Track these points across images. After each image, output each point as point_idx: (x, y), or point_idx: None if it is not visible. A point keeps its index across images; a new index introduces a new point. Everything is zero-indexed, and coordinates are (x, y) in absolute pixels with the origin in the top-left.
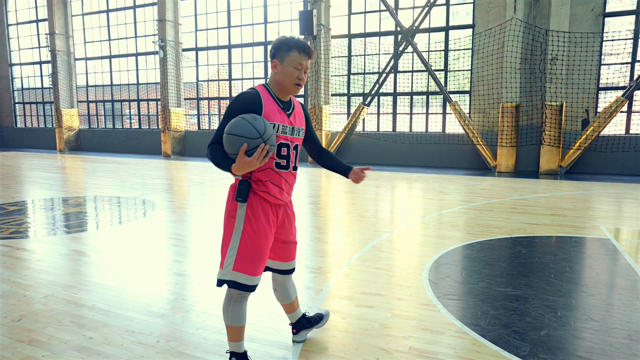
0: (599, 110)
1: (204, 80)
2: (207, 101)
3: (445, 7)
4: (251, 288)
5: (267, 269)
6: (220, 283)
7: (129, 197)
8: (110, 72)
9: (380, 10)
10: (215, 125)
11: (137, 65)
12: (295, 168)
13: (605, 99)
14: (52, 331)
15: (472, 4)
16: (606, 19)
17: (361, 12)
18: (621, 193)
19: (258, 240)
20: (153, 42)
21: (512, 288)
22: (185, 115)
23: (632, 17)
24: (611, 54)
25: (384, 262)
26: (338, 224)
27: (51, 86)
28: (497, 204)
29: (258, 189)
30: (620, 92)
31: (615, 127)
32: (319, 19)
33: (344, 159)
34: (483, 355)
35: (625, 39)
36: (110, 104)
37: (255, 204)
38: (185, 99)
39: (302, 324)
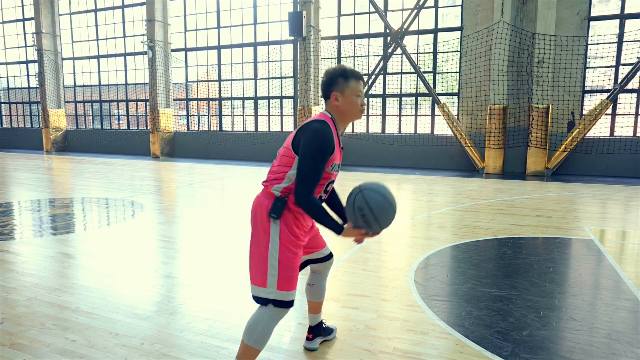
0: (584, 112)
1: (193, 81)
2: (196, 102)
3: (434, 9)
4: (292, 304)
5: (306, 263)
6: (265, 302)
7: (117, 198)
8: (99, 72)
9: (369, 12)
10: (204, 126)
11: (125, 66)
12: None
13: (591, 102)
14: (34, 334)
15: (460, 7)
16: (591, 23)
17: (350, 14)
18: (605, 194)
19: (295, 256)
20: (142, 42)
21: (496, 289)
22: (175, 116)
23: (617, 22)
24: (596, 57)
25: (371, 263)
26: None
27: (38, 86)
28: (484, 205)
29: (295, 208)
30: (605, 95)
31: (600, 130)
32: (308, 20)
33: None
34: (466, 355)
35: (610, 43)
36: (98, 104)
37: (289, 220)
38: (174, 99)
39: (319, 330)
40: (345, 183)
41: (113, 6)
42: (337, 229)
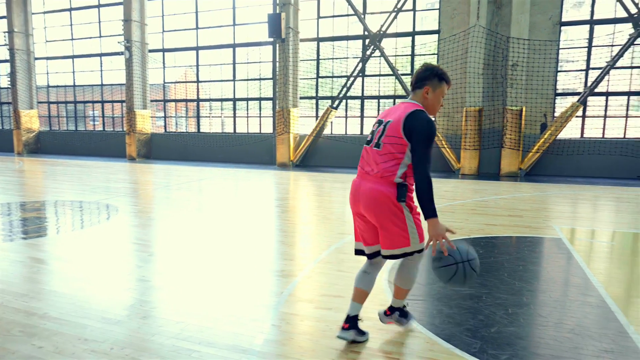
0: (556, 115)
1: (171, 82)
2: (174, 103)
3: (412, 12)
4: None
5: (370, 254)
6: (409, 254)
7: (91, 201)
8: (73, 72)
9: (348, 15)
10: (182, 128)
11: (101, 66)
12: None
13: (562, 104)
14: None
15: (437, 11)
16: (563, 28)
17: (330, 16)
18: (575, 194)
19: (419, 218)
20: (118, 42)
21: (467, 287)
22: (152, 117)
23: (587, 27)
24: (567, 61)
25: (346, 264)
26: (303, 227)
27: (9, 86)
28: (458, 205)
29: (410, 188)
30: (575, 98)
31: (571, 131)
32: (287, 22)
33: (312, 161)
34: (436, 353)
35: (580, 47)
36: (72, 105)
37: (410, 199)
38: (151, 100)
39: (355, 323)
40: (323, 185)
41: (89, 5)
42: (433, 213)
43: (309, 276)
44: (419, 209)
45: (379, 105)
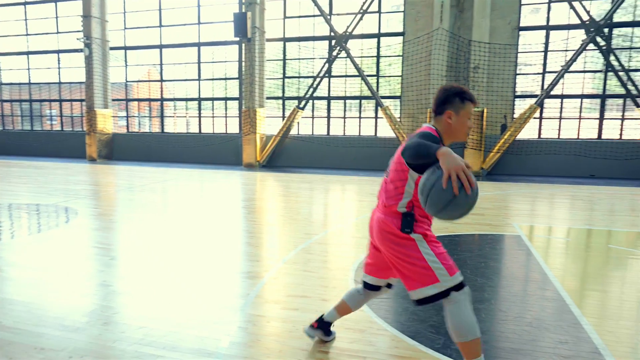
0: (515, 116)
1: (134, 81)
2: (136, 102)
3: (377, 14)
4: (464, 282)
5: (374, 286)
6: (445, 294)
7: (49, 204)
8: (29, 69)
9: (314, 15)
10: (145, 127)
11: (59, 63)
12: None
13: (521, 106)
14: None
15: (402, 13)
16: (521, 32)
17: (296, 16)
18: (533, 193)
19: (440, 246)
20: (77, 39)
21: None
22: (113, 117)
23: (543, 32)
24: (526, 65)
25: (312, 264)
26: (270, 228)
27: None
28: None
29: (420, 218)
30: (533, 100)
31: (529, 132)
32: (253, 22)
33: (278, 162)
34: (401, 350)
35: (537, 51)
36: (28, 104)
37: (419, 228)
38: (113, 99)
39: (326, 327)
40: (290, 185)
41: (45, 0)
42: (436, 148)
43: (276, 277)
44: (435, 237)
45: (345, 106)
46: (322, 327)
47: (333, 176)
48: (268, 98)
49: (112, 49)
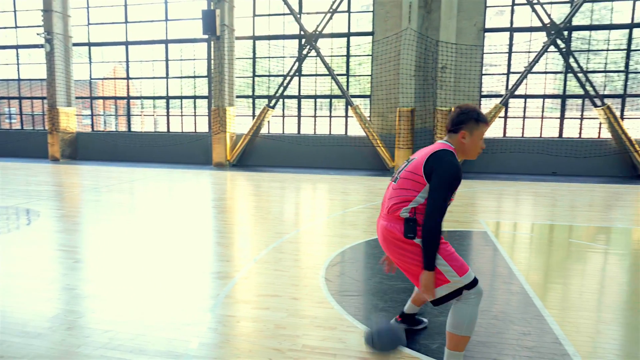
0: None
1: (99, 78)
2: (102, 101)
3: (347, 14)
4: (477, 280)
5: None
6: (456, 294)
7: (9, 205)
8: None
9: (284, 14)
10: (112, 126)
11: (18, 59)
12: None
13: (487, 105)
14: None
15: (371, 13)
16: (486, 34)
17: (266, 15)
18: (499, 190)
19: (448, 246)
20: (38, 34)
21: (400, 281)
22: (77, 115)
23: (507, 34)
24: (491, 65)
25: (283, 263)
26: (241, 227)
27: None
28: None
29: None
30: (498, 99)
31: (494, 131)
32: (222, 19)
33: (249, 161)
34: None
35: (502, 52)
36: None
37: (420, 232)
38: (76, 97)
39: (409, 319)
40: (261, 184)
41: None
42: (432, 266)
43: (246, 277)
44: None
45: (315, 105)
46: (406, 320)
47: (304, 175)
48: (238, 97)
49: (75, 45)
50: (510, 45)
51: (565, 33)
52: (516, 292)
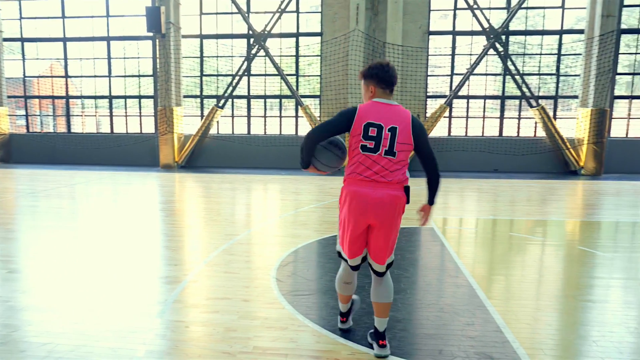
0: (428, 115)
1: (34, 76)
2: (38, 100)
3: (295, 14)
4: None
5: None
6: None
7: None
8: None
9: (232, 13)
10: (49, 127)
11: None
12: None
13: (432, 106)
14: None
15: (320, 14)
16: (431, 37)
17: (213, 13)
18: (445, 187)
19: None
20: None
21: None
22: (9, 115)
23: (450, 37)
24: (436, 67)
25: (234, 265)
26: (190, 230)
27: None
28: None
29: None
30: (443, 100)
31: (440, 130)
32: (167, 17)
33: (198, 162)
34: (322, 344)
35: (446, 55)
36: None
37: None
38: (8, 96)
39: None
40: (210, 186)
41: None
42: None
43: (196, 280)
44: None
45: (265, 105)
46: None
47: (255, 176)
48: (185, 96)
49: (5, 40)
50: (454, 47)
51: (503, 37)
52: (461, 285)
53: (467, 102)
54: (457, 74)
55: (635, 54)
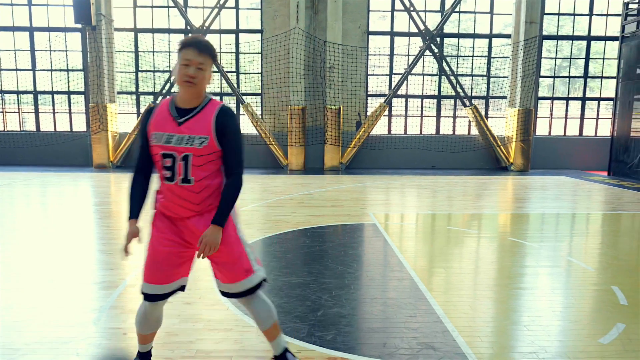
0: (369, 114)
1: None
2: None
3: (234, 10)
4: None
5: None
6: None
7: None
8: None
9: (168, 7)
10: None
11: None
12: (187, 181)
13: (373, 105)
14: None
15: (260, 11)
16: (370, 37)
17: (148, 6)
18: (386, 184)
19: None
20: None
21: (295, 277)
22: None
23: (389, 37)
24: (376, 66)
25: None
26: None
27: None
28: (287, 199)
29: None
30: (383, 99)
31: (380, 129)
32: (98, 8)
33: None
34: (267, 344)
35: (384, 55)
36: None
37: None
38: None
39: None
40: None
41: None
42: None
43: (134, 285)
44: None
45: None
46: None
47: None
48: (120, 93)
49: None
50: (392, 48)
51: (438, 39)
52: (403, 278)
53: (406, 101)
54: (395, 74)
55: (555, 58)
